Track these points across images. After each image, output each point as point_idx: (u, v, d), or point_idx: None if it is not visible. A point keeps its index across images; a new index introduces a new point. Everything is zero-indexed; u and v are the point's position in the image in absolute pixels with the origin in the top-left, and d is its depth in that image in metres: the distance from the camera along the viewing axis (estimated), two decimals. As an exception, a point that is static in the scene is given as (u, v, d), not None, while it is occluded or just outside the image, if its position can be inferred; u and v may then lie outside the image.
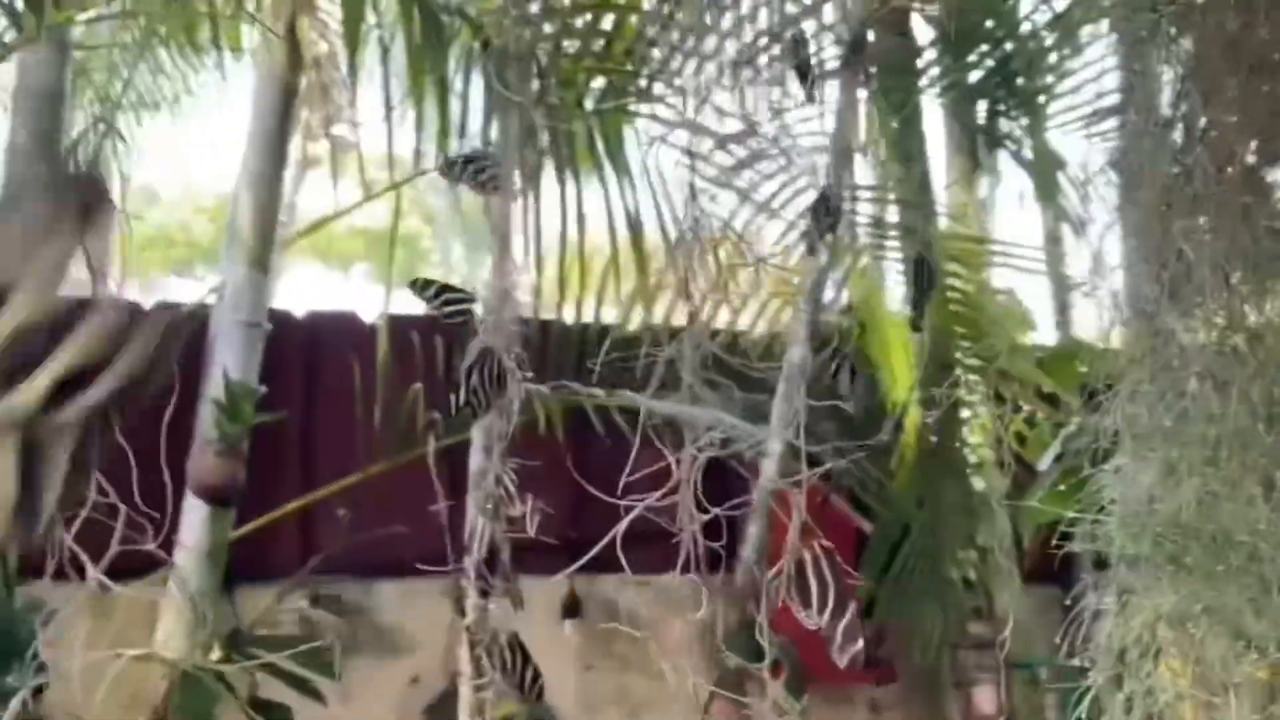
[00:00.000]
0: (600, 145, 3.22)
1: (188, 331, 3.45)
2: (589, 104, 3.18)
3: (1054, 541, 2.34)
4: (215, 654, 3.10)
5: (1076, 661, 1.90)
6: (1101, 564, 2.20)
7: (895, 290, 3.55)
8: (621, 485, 3.91)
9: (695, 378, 3.47)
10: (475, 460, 2.89)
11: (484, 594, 2.88)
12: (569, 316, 3.79)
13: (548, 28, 2.90)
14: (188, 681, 3.05)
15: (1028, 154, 3.63)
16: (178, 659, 3.09)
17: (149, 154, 4.51)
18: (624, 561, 3.90)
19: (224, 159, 3.44)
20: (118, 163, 4.09)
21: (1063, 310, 4.28)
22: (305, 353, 3.63)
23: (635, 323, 3.89)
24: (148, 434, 3.50)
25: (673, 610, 3.98)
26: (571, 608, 3.90)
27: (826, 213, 2.87)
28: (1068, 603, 2.21)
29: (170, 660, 3.09)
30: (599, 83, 3.24)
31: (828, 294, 3.51)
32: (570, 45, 3.09)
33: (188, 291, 3.51)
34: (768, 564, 3.56)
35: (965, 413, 3.69)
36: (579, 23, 3.16)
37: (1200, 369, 1.78)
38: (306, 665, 3.18)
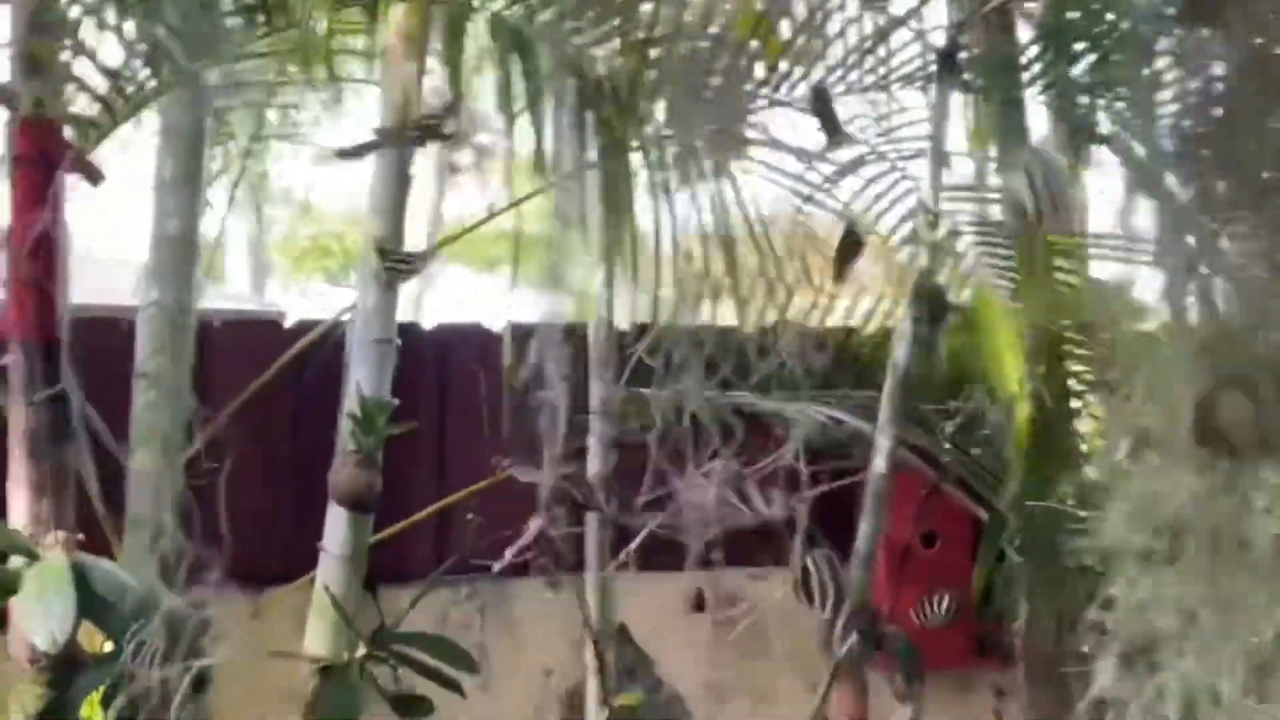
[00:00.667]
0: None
1: (329, 348, 3.68)
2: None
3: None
4: (360, 651, 3.29)
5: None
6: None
7: (1002, 287, 3.62)
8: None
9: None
10: (592, 465, 3.06)
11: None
12: (683, 319, 3.94)
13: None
14: (334, 678, 3.26)
15: (1132, 148, 3.67)
16: (325, 657, 3.30)
17: (301, 168, 4.77)
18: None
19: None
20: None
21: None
22: (435, 364, 3.82)
23: (749, 324, 4.03)
24: (299, 446, 3.75)
25: (794, 602, 4.11)
26: (698, 602, 4.04)
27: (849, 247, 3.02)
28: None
29: (317, 658, 3.30)
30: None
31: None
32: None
33: (341, 300, 3.70)
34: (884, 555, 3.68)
35: (1076, 403, 3.76)
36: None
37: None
38: (446, 660, 3.37)
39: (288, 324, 3.93)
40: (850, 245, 3.54)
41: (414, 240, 3.49)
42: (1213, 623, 1.85)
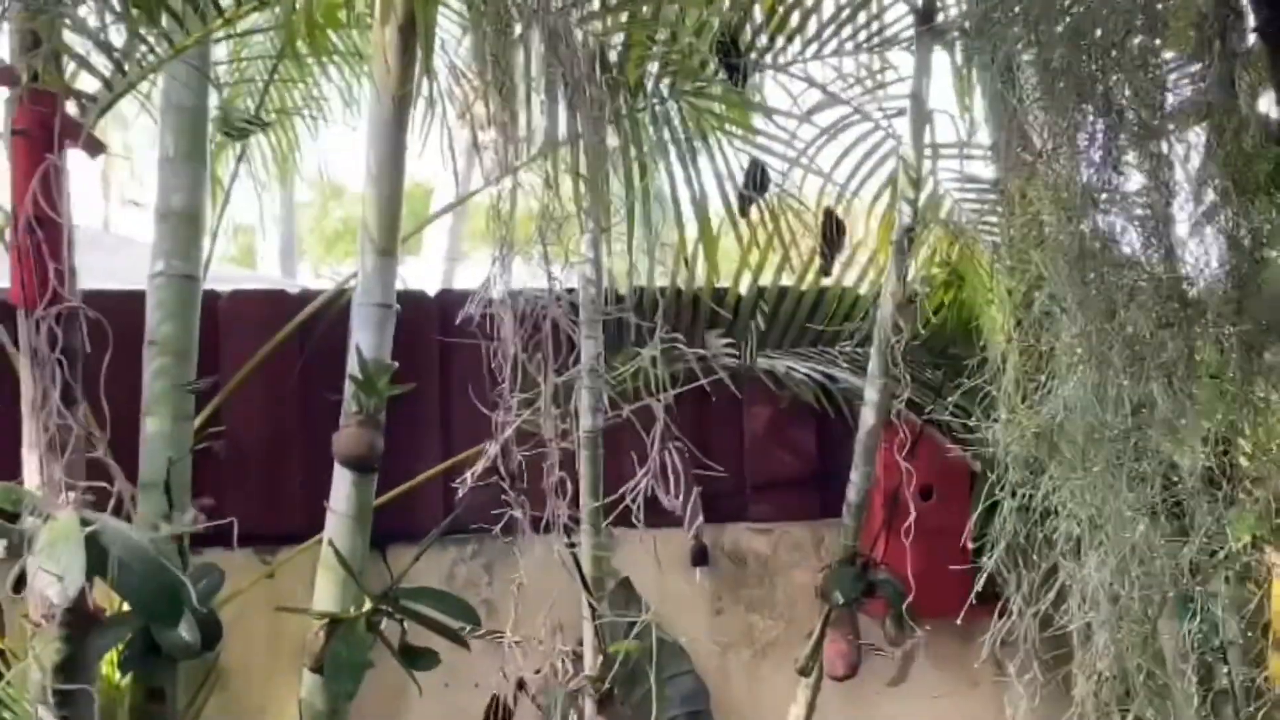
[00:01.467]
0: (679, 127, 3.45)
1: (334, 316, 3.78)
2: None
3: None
4: (367, 606, 3.39)
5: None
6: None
7: (986, 244, 3.68)
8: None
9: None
10: (585, 422, 3.14)
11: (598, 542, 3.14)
12: (680, 283, 4.03)
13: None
14: (342, 632, 3.36)
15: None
16: (332, 612, 3.40)
17: (334, 152, 4.85)
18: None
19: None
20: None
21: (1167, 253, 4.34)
22: (438, 329, 3.91)
23: (742, 287, 4.12)
24: (307, 410, 3.85)
25: (793, 554, 4.21)
26: (700, 555, 4.13)
27: (758, 179, 3.11)
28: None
29: (326, 613, 3.40)
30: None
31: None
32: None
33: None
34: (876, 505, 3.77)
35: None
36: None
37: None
38: (452, 614, 3.47)
39: (293, 293, 4.02)
40: (834, 232, 3.64)
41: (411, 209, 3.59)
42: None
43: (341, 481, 3.45)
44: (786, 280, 4.14)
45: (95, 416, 2.94)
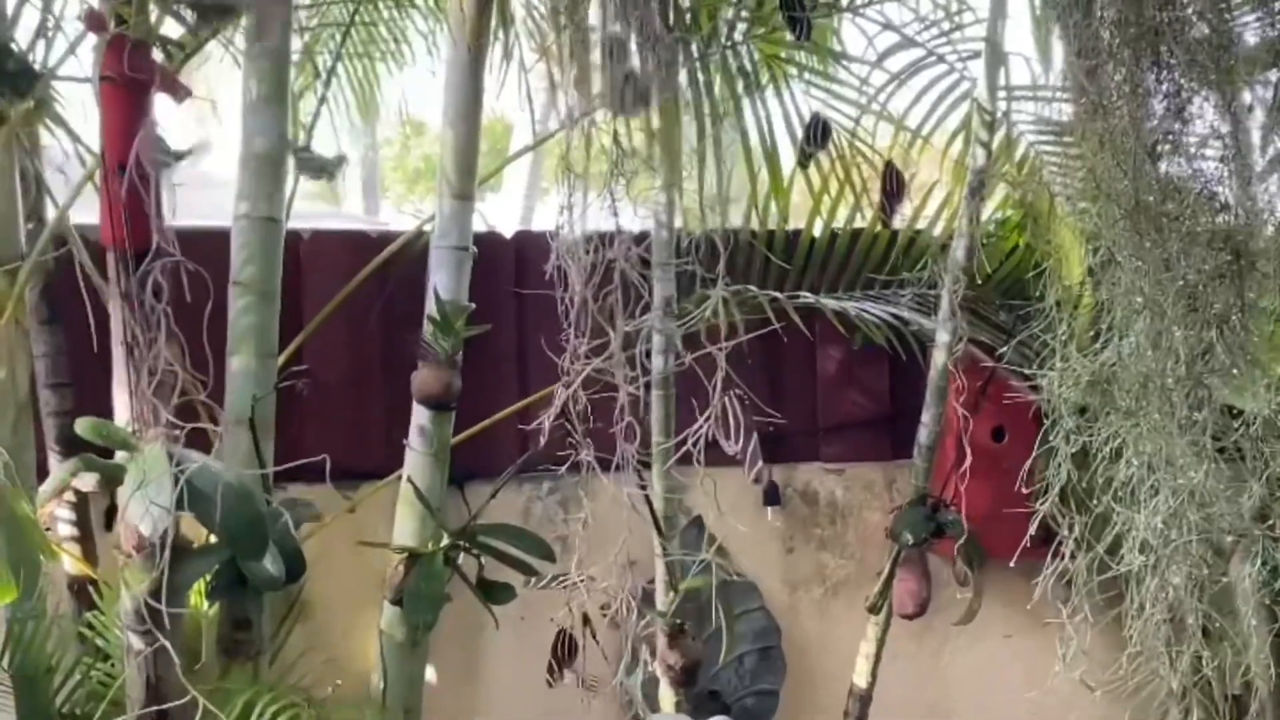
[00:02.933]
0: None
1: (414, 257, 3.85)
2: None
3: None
4: (445, 542, 3.48)
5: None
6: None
7: (1059, 185, 3.67)
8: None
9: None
10: (656, 363, 3.19)
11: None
12: (753, 225, 4.06)
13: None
14: (420, 565, 3.45)
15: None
16: (411, 547, 3.49)
17: (414, 91, 4.91)
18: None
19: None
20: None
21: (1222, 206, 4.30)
22: (514, 271, 3.97)
23: (816, 229, 4.14)
24: (387, 350, 3.93)
25: (864, 495, 4.25)
26: (772, 495, 4.17)
27: (819, 134, 3.11)
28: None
29: (405, 548, 3.49)
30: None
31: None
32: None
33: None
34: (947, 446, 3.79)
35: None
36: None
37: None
38: (526, 550, 3.55)
39: (374, 235, 4.08)
40: (894, 184, 3.66)
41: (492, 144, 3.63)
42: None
43: (420, 420, 3.53)
44: (860, 223, 4.15)
45: (183, 355, 3.03)
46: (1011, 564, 3.17)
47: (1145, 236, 2.19)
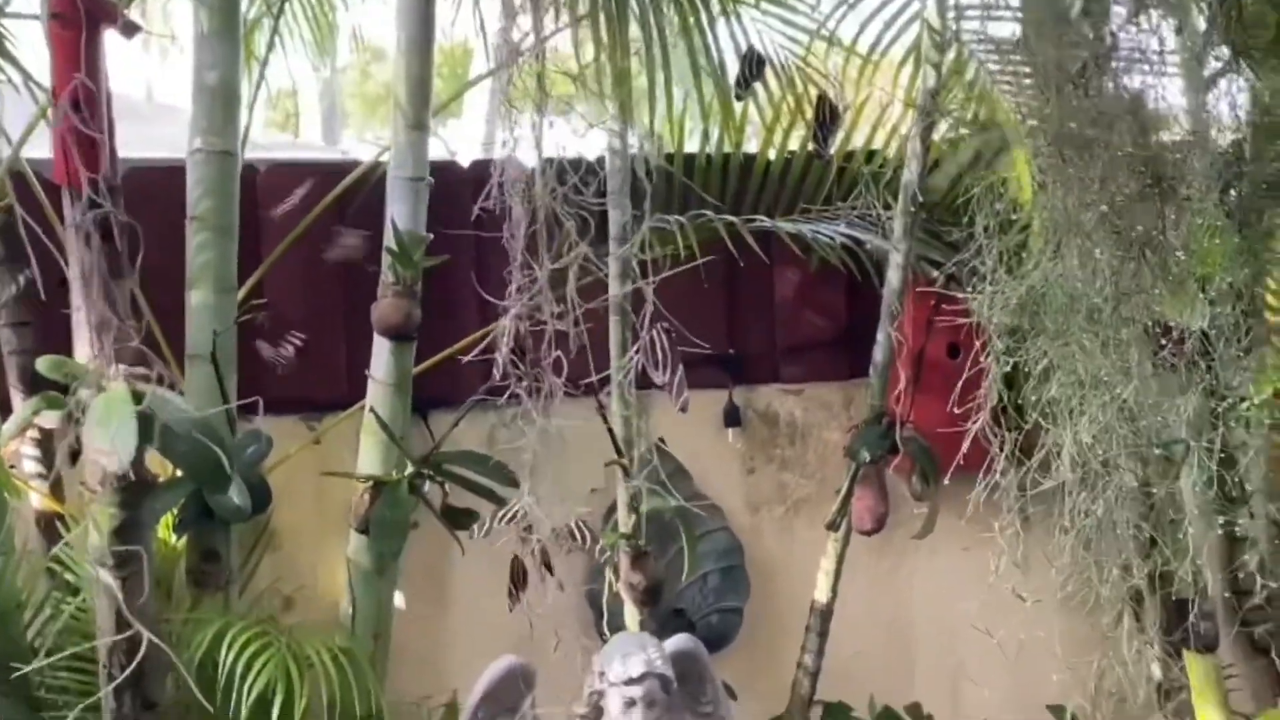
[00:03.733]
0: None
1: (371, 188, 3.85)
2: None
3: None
4: (409, 470, 3.52)
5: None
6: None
7: (1008, 102, 3.69)
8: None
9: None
10: (613, 288, 3.22)
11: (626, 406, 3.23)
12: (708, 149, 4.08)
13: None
14: (385, 494, 3.49)
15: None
16: (376, 475, 3.53)
17: (372, 15, 4.86)
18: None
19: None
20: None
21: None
22: (472, 199, 3.97)
23: (770, 152, 4.17)
24: (346, 281, 3.93)
25: (823, 414, 4.30)
26: (732, 416, 4.22)
27: (754, 67, 3.15)
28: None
29: (370, 476, 3.53)
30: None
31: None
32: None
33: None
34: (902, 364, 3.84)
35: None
36: None
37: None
38: (490, 477, 3.59)
39: (330, 165, 4.07)
40: (827, 116, 3.69)
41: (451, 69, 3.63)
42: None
43: (381, 351, 3.56)
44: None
45: (144, 290, 3.05)
46: (960, 479, 3.24)
47: (1070, 163, 2.24)
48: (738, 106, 4.00)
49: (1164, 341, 2.47)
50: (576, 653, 3.05)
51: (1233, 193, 2.58)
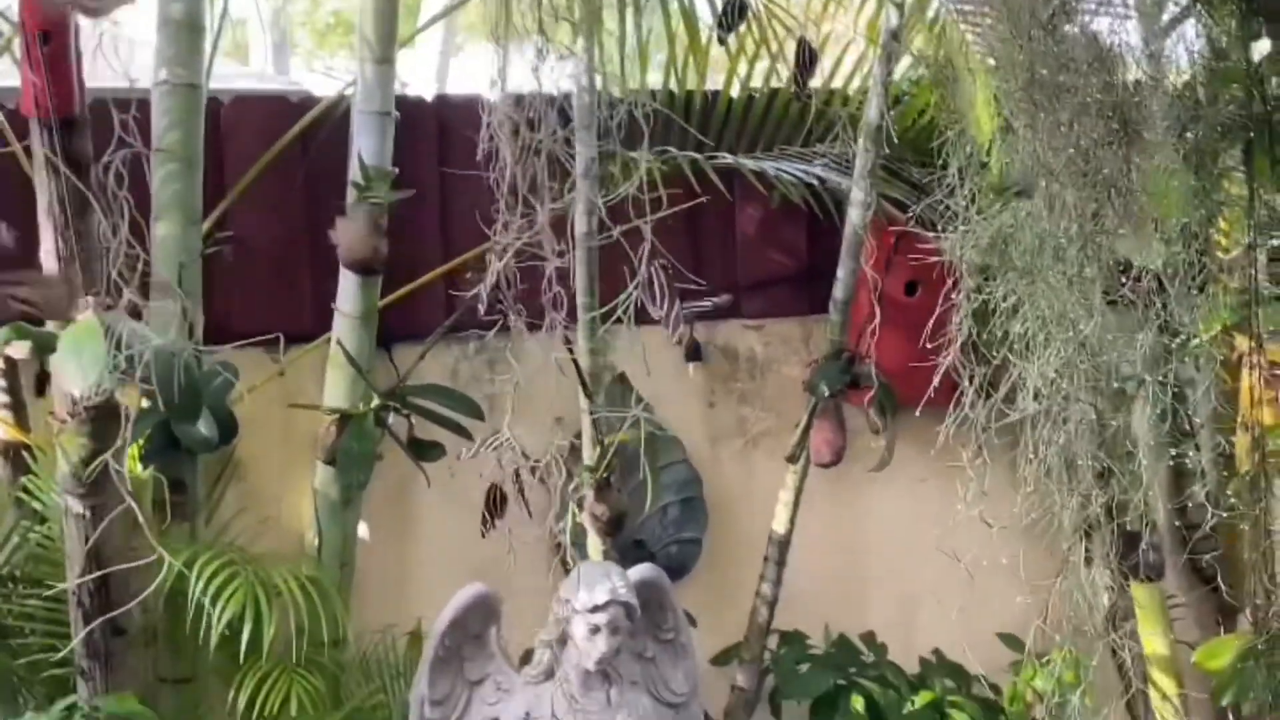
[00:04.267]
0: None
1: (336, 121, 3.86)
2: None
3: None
4: (375, 403, 3.56)
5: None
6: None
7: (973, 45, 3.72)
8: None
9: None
10: (580, 225, 3.24)
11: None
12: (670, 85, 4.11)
13: None
14: (351, 426, 3.53)
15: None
16: (342, 408, 3.57)
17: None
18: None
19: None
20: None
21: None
22: (437, 134, 3.99)
23: (733, 89, 4.20)
24: (312, 215, 3.95)
25: (783, 350, 4.36)
26: (693, 352, 4.27)
27: (735, 12, 3.18)
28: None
29: (336, 409, 3.57)
30: None
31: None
32: None
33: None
34: (862, 301, 3.89)
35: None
36: None
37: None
38: (455, 409, 3.64)
39: (295, 99, 4.07)
40: (806, 59, 3.73)
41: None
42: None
43: (347, 284, 3.59)
44: (776, 84, 4.21)
45: (110, 222, 3.05)
46: (917, 413, 3.30)
47: (1040, 106, 2.29)
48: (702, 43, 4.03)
49: (1123, 279, 2.53)
50: (542, 581, 3.10)
51: (1189, 135, 2.64)
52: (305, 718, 3.35)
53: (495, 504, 3.58)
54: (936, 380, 2.98)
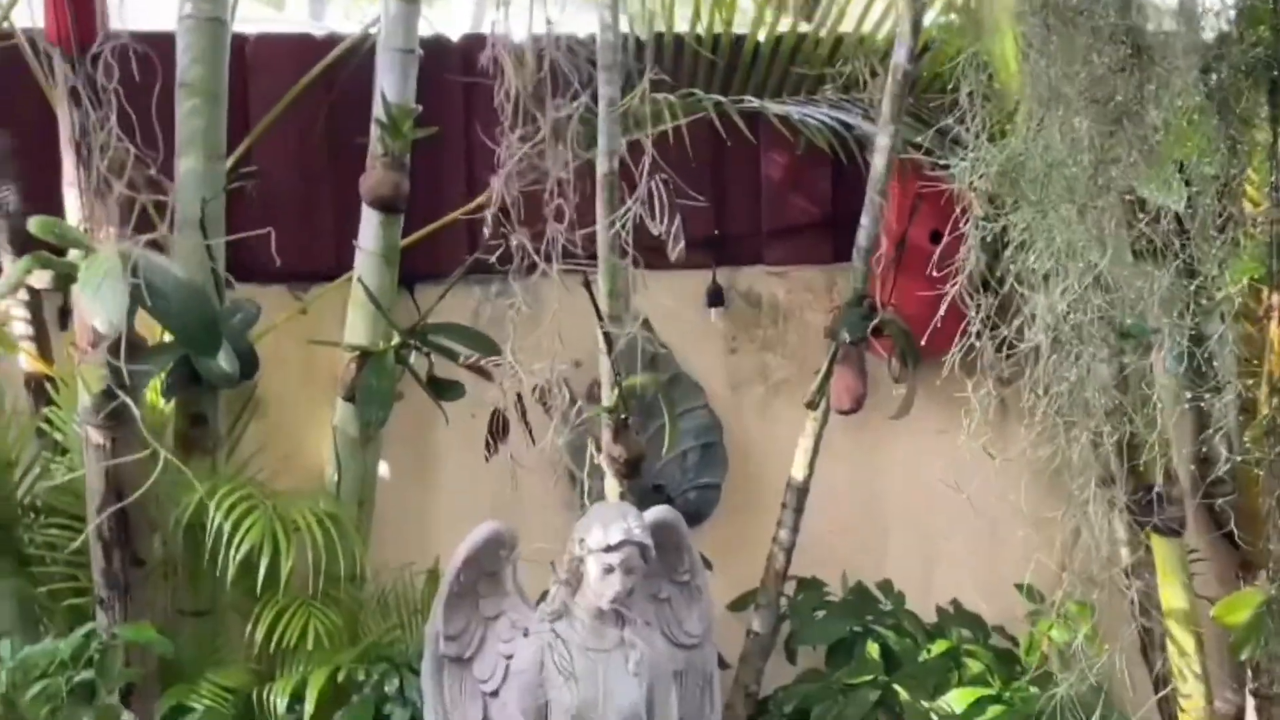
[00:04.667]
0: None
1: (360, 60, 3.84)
2: None
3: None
4: (395, 341, 3.56)
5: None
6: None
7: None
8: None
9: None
10: (601, 165, 3.23)
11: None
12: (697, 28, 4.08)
13: None
14: (373, 364, 3.54)
15: None
16: (363, 345, 3.58)
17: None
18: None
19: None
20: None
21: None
22: (461, 73, 3.97)
23: (761, 32, 4.16)
24: (336, 153, 3.95)
25: (805, 296, 4.34)
26: (715, 297, 4.26)
27: None
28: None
29: (357, 346, 3.58)
30: None
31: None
32: None
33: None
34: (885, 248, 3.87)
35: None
36: None
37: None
38: (475, 348, 3.64)
39: (320, 37, 4.05)
40: None
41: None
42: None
43: (369, 222, 3.59)
44: (804, 28, 4.17)
45: (133, 155, 3.06)
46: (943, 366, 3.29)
47: (1054, 30, 2.25)
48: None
49: (1140, 215, 2.50)
50: (557, 521, 3.11)
51: (1213, 75, 2.60)
52: (322, 652, 3.38)
53: (498, 429, 3.60)
54: (942, 309, 2.94)
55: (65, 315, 3.61)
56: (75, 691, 3.04)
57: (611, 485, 3.44)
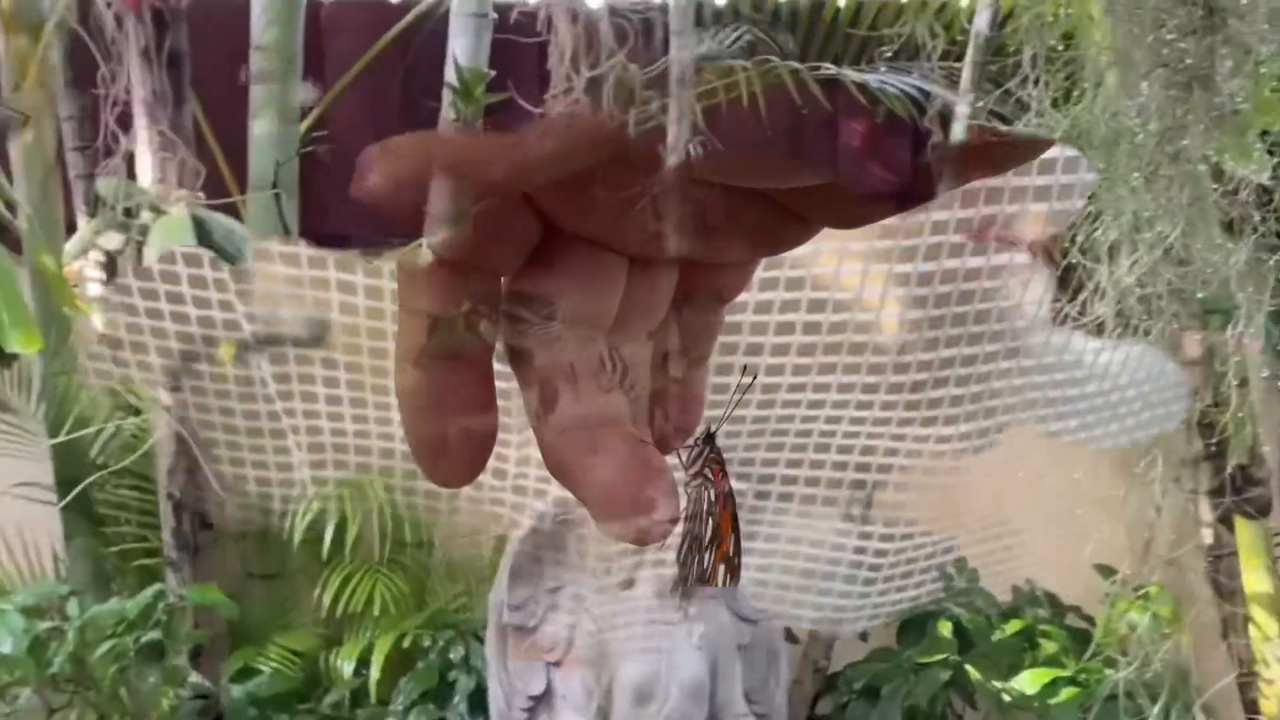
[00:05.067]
0: None
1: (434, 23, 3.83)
2: None
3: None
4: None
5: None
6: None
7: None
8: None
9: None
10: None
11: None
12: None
13: None
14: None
15: None
16: (434, 311, 3.56)
17: None
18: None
19: None
20: None
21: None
22: (535, 37, 3.94)
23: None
24: (408, 117, 3.93)
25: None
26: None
27: None
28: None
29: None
30: None
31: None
32: None
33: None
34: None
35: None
36: None
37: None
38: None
39: (395, 2, 4.05)
40: None
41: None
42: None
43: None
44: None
45: (206, 118, 3.07)
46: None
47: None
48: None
49: (1215, 185, 2.41)
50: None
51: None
52: (388, 618, 3.38)
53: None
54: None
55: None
56: (143, 651, 3.05)
57: (681, 456, 3.40)
